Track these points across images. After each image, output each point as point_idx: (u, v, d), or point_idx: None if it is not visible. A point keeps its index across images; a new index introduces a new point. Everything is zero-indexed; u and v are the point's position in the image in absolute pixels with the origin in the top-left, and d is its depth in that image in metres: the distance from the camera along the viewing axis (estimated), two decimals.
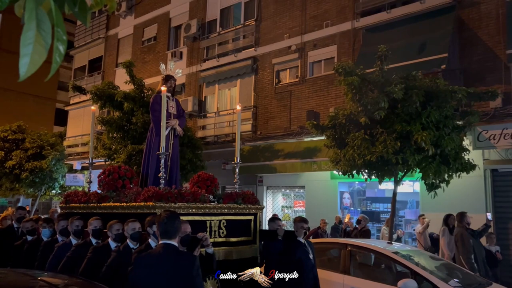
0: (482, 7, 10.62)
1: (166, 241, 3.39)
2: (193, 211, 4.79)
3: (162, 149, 4.95)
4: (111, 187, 5.44)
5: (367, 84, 8.81)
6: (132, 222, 4.42)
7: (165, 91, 5.33)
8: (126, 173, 5.58)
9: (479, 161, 9.64)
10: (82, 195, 5.70)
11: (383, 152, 8.00)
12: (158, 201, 4.54)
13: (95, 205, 5.36)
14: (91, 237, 4.84)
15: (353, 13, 12.76)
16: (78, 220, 5.17)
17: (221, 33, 16.21)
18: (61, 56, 1.12)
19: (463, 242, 7.70)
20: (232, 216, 5.25)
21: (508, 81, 9.99)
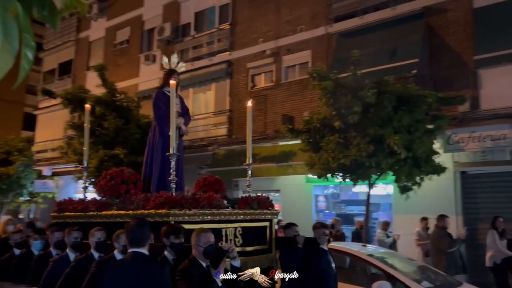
0: (450, 14, 10.94)
1: (135, 249, 3.29)
2: (208, 218, 4.32)
3: (172, 150, 4.45)
4: (114, 193, 4.89)
5: (341, 89, 8.94)
6: None
7: (174, 85, 4.74)
8: (130, 177, 5.04)
9: (449, 163, 9.89)
10: (79, 203, 5.17)
11: (357, 155, 8.12)
12: (171, 207, 4.06)
13: (94, 214, 4.81)
14: (93, 250, 4.33)
15: (327, 19, 12.92)
16: (76, 232, 4.65)
17: (196, 37, 16.12)
18: (30, 63, 1.07)
19: (440, 242, 7.92)
20: (247, 223, 4.76)
21: (476, 86, 10.31)
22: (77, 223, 4.91)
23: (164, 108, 5.29)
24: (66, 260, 4.45)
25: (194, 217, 4.15)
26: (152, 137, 5.47)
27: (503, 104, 9.87)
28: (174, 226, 3.82)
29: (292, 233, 5.11)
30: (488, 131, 9.88)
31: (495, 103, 10.00)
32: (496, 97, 10.00)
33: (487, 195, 10.37)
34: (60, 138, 18.03)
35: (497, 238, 7.98)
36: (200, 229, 3.67)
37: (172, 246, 3.76)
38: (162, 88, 5.54)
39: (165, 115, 5.24)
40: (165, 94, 5.43)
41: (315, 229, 5.07)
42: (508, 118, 9.69)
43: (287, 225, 5.38)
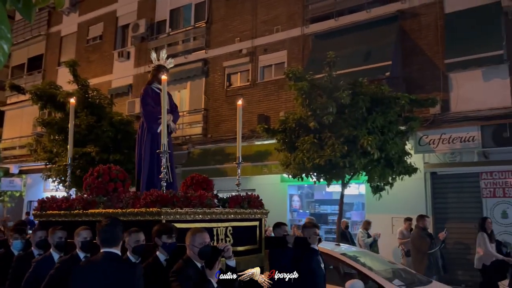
0: (422, 18, 11.21)
1: (107, 249, 3.21)
2: (199, 217, 4.19)
3: (163, 147, 4.31)
4: (101, 191, 4.68)
5: (316, 90, 9.01)
6: (135, 233, 3.75)
7: (165, 81, 4.54)
8: (118, 174, 4.82)
9: (420, 164, 10.13)
10: (63, 201, 4.91)
11: (331, 155, 8.21)
12: (163, 206, 3.92)
13: (80, 212, 4.59)
14: (79, 250, 4.12)
15: (303, 20, 13.01)
16: (61, 231, 4.42)
17: (171, 34, 15.94)
18: (5, 56, 1.02)
19: (420, 242, 7.97)
20: (238, 222, 4.64)
21: (446, 89, 10.60)
22: (61, 222, 4.68)
23: (152, 104, 5.16)
24: (49, 261, 4.23)
25: (185, 216, 4.03)
26: (140, 134, 5.30)
27: (472, 107, 10.19)
28: (167, 226, 3.69)
29: (282, 233, 5.02)
30: (457, 133, 10.18)
31: (465, 106, 10.31)
32: (465, 100, 10.32)
33: (455, 195, 10.69)
34: (28, 135, 17.51)
35: (487, 240, 7.88)
36: (195, 229, 3.57)
37: (164, 246, 3.62)
38: (150, 84, 5.37)
39: (153, 111, 5.11)
40: (154, 90, 5.30)
41: (305, 229, 4.97)
42: (477, 120, 10.01)
43: (276, 225, 5.25)
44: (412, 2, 11.35)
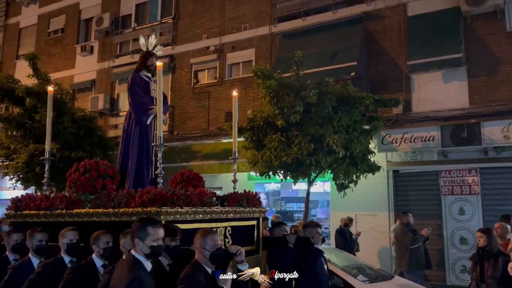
0: (387, 20, 11.50)
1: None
2: (200, 217, 3.86)
3: (159, 140, 3.91)
4: (88, 188, 4.24)
5: (284, 88, 9.08)
6: None
7: (160, 67, 4.15)
8: (107, 170, 4.38)
9: (383, 163, 10.39)
10: (42, 200, 4.43)
11: (298, 154, 8.29)
12: (162, 205, 3.58)
13: (63, 212, 4.15)
14: (64, 253, 3.78)
15: (271, 18, 13.06)
16: (41, 233, 4.02)
17: (136, 29, 15.60)
18: None
19: (403, 238, 8.10)
20: (236, 221, 4.36)
21: (409, 89, 10.92)
22: (40, 223, 4.26)
23: (141, 94, 4.80)
24: (28, 267, 3.89)
25: (185, 215, 3.72)
26: (127, 126, 4.85)
27: (432, 108, 10.56)
28: (170, 227, 3.33)
29: (281, 232, 4.77)
30: (418, 132, 10.52)
31: (425, 106, 10.66)
32: (426, 101, 10.67)
33: (416, 192, 11.05)
34: None
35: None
36: (206, 231, 3.24)
37: (167, 250, 3.23)
38: (138, 72, 4.98)
39: (143, 101, 4.77)
40: (142, 78, 4.95)
41: (307, 228, 4.70)
42: (437, 120, 10.37)
43: (275, 224, 4.99)
44: (377, 4, 11.62)
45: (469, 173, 10.31)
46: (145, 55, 5.09)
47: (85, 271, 3.53)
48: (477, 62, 10.27)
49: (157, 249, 2.87)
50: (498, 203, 9.98)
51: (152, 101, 4.85)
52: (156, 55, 5.12)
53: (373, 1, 11.64)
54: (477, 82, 10.26)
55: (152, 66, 5.07)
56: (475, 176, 10.24)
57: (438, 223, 10.44)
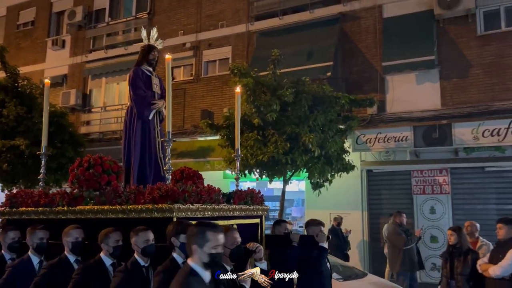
0: (362, 21, 11.65)
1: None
2: (208, 214, 3.74)
3: (168, 135, 3.77)
4: (93, 184, 4.07)
5: (261, 87, 9.06)
6: (143, 232, 3.32)
7: (170, 60, 4.02)
8: (112, 166, 4.22)
9: (357, 162, 10.53)
10: (40, 196, 4.25)
11: (274, 152, 8.29)
12: (174, 202, 3.47)
13: (65, 209, 3.98)
14: (69, 253, 3.63)
15: (248, 16, 13.02)
16: (42, 231, 3.87)
17: (110, 24, 15.30)
18: None
19: (396, 238, 7.84)
20: (242, 219, 4.26)
21: (383, 90, 11.09)
22: (39, 220, 4.09)
23: (143, 88, 4.67)
24: (28, 265, 3.75)
25: (196, 212, 3.61)
26: (129, 121, 4.69)
27: (405, 109, 10.76)
28: (186, 224, 3.24)
29: (283, 231, 4.63)
30: (392, 133, 10.70)
31: (399, 107, 10.86)
32: (400, 102, 10.87)
33: (389, 192, 11.24)
34: None
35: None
36: (226, 227, 3.11)
37: (183, 247, 3.08)
38: (139, 65, 4.84)
39: (145, 95, 4.64)
40: (144, 72, 4.80)
41: (309, 227, 4.61)
42: (410, 121, 10.57)
43: (276, 222, 4.85)
44: (353, 5, 11.75)
45: (440, 173, 10.56)
46: (147, 49, 4.93)
47: (94, 270, 3.40)
48: (449, 64, 10.53)
49: (217, 257, 2.60)
50: (467, 202, 10.27)
51: (153, 96, 4.75)
52: (158, 49, 4.98)
53: (349, 2, 11.77)
54: (448, 84, 10.51)
55: (154, 60, 4.96)
56: (446, 176, 10.49)
57: (410, 222, 10.64)
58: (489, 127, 9.69)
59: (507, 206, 9.81)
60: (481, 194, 10.17)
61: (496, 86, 10.02)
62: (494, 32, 10.26)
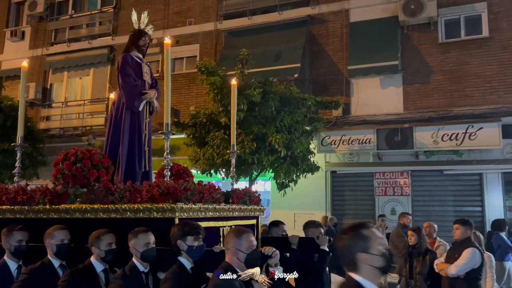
0: (330, 25, 11.82)
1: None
2: (210, 214, 3.47)
3: (166, 127, 3.48)
4: (80, 180, 3.64)
5: (228, 86, 8.99)
6: (144, 234, 3.01)
7: (169, 45, 3.65)
8: (101, 160, 3.81)
9: (322, 163, 10.66)
10: (17, 192, 3.79)
11: (240, 152, 8.26)
12: (176, 200, 3.19)
13: (46, 208, 3.58)
14: (53, 256, 3.26)
15: (216, 15, 12.94)
16: (21, 232, 3.45)
17: (74, 16, 14.82)
18: None
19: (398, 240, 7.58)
20: (240, 220, 3.99)
21: (348, 93, 11.30)
22: (15, 220, 3.65)
23: (134, 77, 4.30)
24: (5, 271, 3.38)
25: (198, 213, 3.34)
26: (115, 111, 4.31)
27: (369, 112, 11.00)
28: (193, 225, 2.99)
29: (280, 232, 4.35)
30: (356, 135, 10.91)
31: (363, 110, 11.09)
32: (364, 105, 11.10)
33: (352, 193, 11.47)
34: None
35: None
36: (240, 230, 2.87)
37: (190, 251, 2.90)
38: (128, 51, 4.44)
39: (135, 84, 4.27)
40: (134, 58, 4.41)
41: (309, 229, 4.31)
42: (373, 124, 10.82)
43: (274, 223, 4.55)
44: (321, 9, 11.90)
45: (401, 175, 10.86)
46: (138, 34, 4.52)
47: (84, 277, 3.03)
48: (411, 70, 10.85)
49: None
50: (426, 204, 10.62)
51: (143, 85, 4.40)
52: (149, 35, 4.60)
53: (317, 5, 11.91)
54: (411, 89, 10.83)
55: (144, 46, 4.58)
56: (407, 178, 10.81)
57: (372, 222, 10.88)
58: (448, 131, 10.06)
59: (463, 208, 10.23)
60: (439, 196, 10.54)
61: (455, 93, 10.41)
62: (454, 40, 10.67)
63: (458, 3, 10.66)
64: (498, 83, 10.09)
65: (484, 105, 10.04)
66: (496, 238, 7.47)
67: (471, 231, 5.10)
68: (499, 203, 10.00)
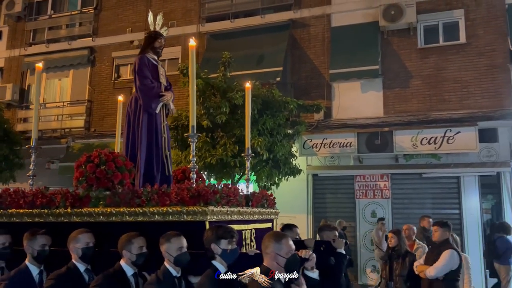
0: (312, 29, 11.92)
1: None
2: (234, 217, 3.45)
3: (192, 129, 3.53)
4: (105, 183, 3.57)
5: (210, 89, 8.99)
6: (177, 238, 2.96)
7: (193, 47, 3.74)
8: (125, 162, 3.75)
9: (303, 166, 10.72)
10: (36, 195, 3.71)
11: (223, 155, 8.25)
12: (207, 203, 3.17)
13: (68, 211, 3.51)
14: (78, 261, 3.18)
15: (199, 17, 12.91)
16: (44, 237, 3.37)
17: (53, 17, 14.58)
18: None
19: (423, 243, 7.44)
20: (259, 224, 3.94)
21: (330, 97, 11.41)
22: (33, 224, 3.56)
23: (151, 78, 4.28)
24: (26, 277, 3.26)
25: (225, 216, 3.31)
26: (133, 113, 4.26)
27: (350, 115, 11.12)
28: (227, 228, 2.96)
29: (294, 236, 4.23)
30: (337, 138, 11.01)
31: (344, 114, 11.21)
32: (345, 109, 11.22)
33: (333, 196, 11.56)
34: None
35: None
36: (279, 234, 2.84)
37: (224, 255, 2.86)
38: (144, 53, 4.41)
39: (153, 86, 4.25)
40: (150, 60, 4.38)
41: (324, 232, 4.25)
42: (354, 128, 10.94)
43: (287, 226, 4.41)
44: (303, 13, 11.99)
45: (381, 179, 11.00)
46: (154, 36, 4.49)
47: (116, 281, 2.96)
48: (391, 74, 11.02)
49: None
50: (406, 207, 10.78)
51: (160, 87, 4.37)
52: (164, 36, 4.56)
53: (299, 9, 12.00)
54: (391, 93, 11.00)
55: (160, 48, 4.53)
56: (387, 181, 10.95)
57: (352, 225, 11.00)
58: (427, 135, 10.25)
59: (442, 211, 10.42)
60: (418, 199, 10.72)
61: (434, 97, 10.62)
62: (433, 45, 10.89)
63: (436, 10, 10.89)
64: (474, 88, 10.34)
65: (462, 109, 10.27)
66: (502, 241, 7.46)
67: (449, 233, 5.20)
68: (476, 205, 10.23)
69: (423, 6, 10.89)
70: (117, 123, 5.15)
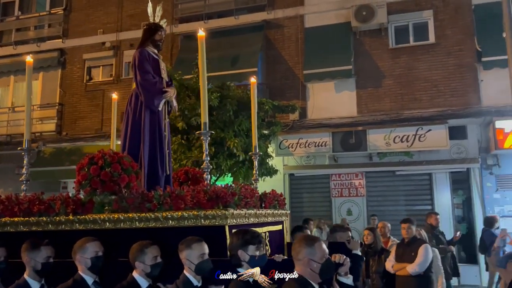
0: (285, 30, 11.99)
1: None
2: (251, 220, 3.24)
3: (204, 126, 3.27)
4: (111, 186, 3.28)
5: (185, 90, 8.92)
6: (199, 244, 2.72)
7: (203, 38, 3.52)
8: (131, 164, 3.44)
9: (280, 166, 10.78)
10: (32, 202, 3.36)
11: (198, 157, 8.19)
12: (226, 206, 2.95)
13: (70, 218, 3.21)
14: (85, 272, 2.88)
15: (172, 18, 12.78)
16: (48, 248, 3.03)
17: (20, 18, 14.16)
18: None
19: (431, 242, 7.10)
20: (272, 226, 3.75)
21: (304, 97, 11.50)
22: (31, 233, 3.23)
23: (152, 73, 4.02)
24: None
25: (243, 219, 3.11)
26: (133, 110, 3.99)
27: (325, 115, 11.24)
28: (254, 233, 2.75)
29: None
30: (312, 138, 11.12)
31: (319, 113, 11.32)
32: (320, 109, 11.33)
33: (309, 194, 11.66)
34: None
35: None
36: (311, 238, 2.66)
37: (252, 261, 2.66)
38: (144, 46, 4.13)
39: (155, 82, 3.99)
40: (151, 54, 4.11)
41: (337, 233, 4.07)
42: (329, 127, 11.06)
43: (297, 228, 4.32)
44: (276, 14, 12.04)
45: (356, 177, 11.17)
46: (154, 28, 4.21)
47: None
48: (364, 74, 11.20)
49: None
50: (380, 204, 10.98)
51: (161, 83, 4.11)
52: (165, 29, 4.29)
53: (273, 10, 12.05)
54: (364, 93, 11.17)
55: (160, 41, 4.26)
56: (361, 180, 11.12)
57: (329, 223, 11.10)
58: (399, 133, 10.46)
59: (414, 207, 10.66)
60: (392, 196, 10.94)
61: (405, 96, 10.85)
62: (403, 46, 11.13)
63: (406, 10, 11.13)
64: (444, 87, 10.62)
65: (432, 108, 10.53)
66: (488, 235, 7.69)
67: (415, 229, 5.33)
68: (448, 201, 10.51)
69: (394, 7, 11.12)
70: (112, 122, 4.97)
